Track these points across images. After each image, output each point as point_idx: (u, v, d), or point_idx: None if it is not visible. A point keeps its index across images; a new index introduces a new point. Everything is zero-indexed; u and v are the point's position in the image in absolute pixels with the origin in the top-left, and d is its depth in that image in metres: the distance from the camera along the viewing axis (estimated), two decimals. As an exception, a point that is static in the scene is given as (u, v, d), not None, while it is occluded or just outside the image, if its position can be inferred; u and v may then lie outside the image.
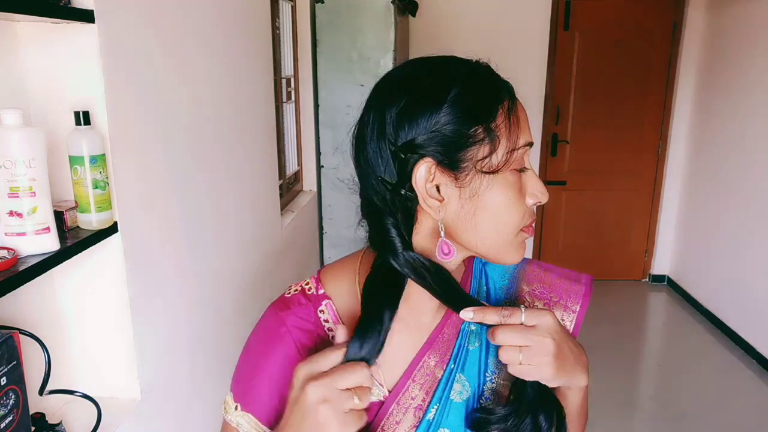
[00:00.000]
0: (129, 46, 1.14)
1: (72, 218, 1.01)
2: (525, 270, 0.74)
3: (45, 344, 0.93)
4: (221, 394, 1.88)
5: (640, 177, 4.17)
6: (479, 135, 0.58)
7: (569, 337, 0.63)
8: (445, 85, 0.58)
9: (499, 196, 0.59)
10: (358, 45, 3.06)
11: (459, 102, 0.57)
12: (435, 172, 0.59)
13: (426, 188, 0.59)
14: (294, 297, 0.69)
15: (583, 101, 4.02)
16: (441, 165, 0.58)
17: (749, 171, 3.29)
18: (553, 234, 4.28)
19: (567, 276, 0.75)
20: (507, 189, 0.59)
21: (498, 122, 0.58)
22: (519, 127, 0.59)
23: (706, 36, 3.80)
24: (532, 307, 0.64)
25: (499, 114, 0.58)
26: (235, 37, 1.83)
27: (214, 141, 1.66)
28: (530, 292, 0.72)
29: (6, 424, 0.81)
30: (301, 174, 3.26)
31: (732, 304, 3.46)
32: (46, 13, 0.89)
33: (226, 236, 1.78)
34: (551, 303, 0.72)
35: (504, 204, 0.59)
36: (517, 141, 0.59)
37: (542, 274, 0.74)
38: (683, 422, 2.68)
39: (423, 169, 0.58)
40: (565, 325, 0.72)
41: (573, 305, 0.72)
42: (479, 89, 0.59)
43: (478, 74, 0.60)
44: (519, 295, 0.72)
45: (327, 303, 0.68)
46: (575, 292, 0.73)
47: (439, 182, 0.59)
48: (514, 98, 0.60)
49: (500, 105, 0.59)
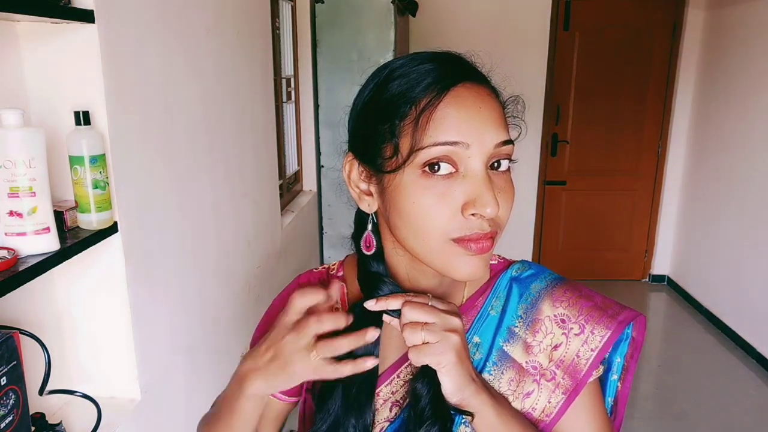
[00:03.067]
0: (129, 46, 1.14)
1: (72, 218, 1.01)
2: (555, 289, 0.67)
3: (45, 344, 0.93)
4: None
5: (640, 177, 4.17)
6: (385, 133, 0.57)
7: (469, 356, 0.59)
8: (370, 81, 0.60)
9: (407, 198, 0.55)
10: (358, 45, 3.06)
11: (373, 99, 0.58)
12: (355, 167, 0.61)
13: (351, 181, 0.62)
14: (318, 272, 0.76)
15: (583, 101, 4.02)
16: (359, 159, 0.61)
17: (749, 171, 3.29)
18: (553, 234, 4.28)
19: (604, 306, 0.67)
20: (418, 191, 0.55)
21: (407, 121, 0.55)
22: (431, 125, 0.54)
23: (706, 36, 3.80)
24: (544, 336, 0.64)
25: (410, 113, 0.55)
26: (235, 36, 1.83)
27: (214, 141, 1.66)
28: (552, 316, 0.65)
29: (6, 424, 0.81)
30: (301, 174, 3.26)
31: (732, 304, 3.46)
32: (46, 13, 0.89)
33: (226, 236, 1.78)
34: (569, 335, 0.65)
35: (413, 207, 0.55)
36: (422, 140, 0.54)
37: (574, 298, 0.66)
38: (683, 422, 2.68)
39: (346, 162, 0.62)
40: (580, 360, 0.64)
41: (593, 341, 0.65)
42: (395, 86, 0.57)
43: (406, 69, 0.57)
44: (536, 317, 0.66)
45: (341, 285, 0.68)
46: (603, 325, 0.65)
47: (363, 177, 0.61)
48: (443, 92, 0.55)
49: (413, 104, 0.55)
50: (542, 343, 0.65)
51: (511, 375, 0.65)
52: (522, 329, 0.66)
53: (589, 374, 0.64)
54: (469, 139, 0.54)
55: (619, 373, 0.69)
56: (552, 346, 0.65)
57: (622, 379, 0.69)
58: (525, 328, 0.66)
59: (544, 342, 0.65)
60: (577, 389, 0.64)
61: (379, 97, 0.58)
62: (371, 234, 0.63)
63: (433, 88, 0.55)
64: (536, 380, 0.65)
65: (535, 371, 0.65)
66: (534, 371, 0.65)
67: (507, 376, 0.65)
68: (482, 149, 0.55)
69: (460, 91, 0.55)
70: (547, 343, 0.65)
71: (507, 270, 0.69)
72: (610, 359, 0.68)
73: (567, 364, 0.64)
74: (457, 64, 0.59)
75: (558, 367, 0.64)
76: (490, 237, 0.56)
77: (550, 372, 0.65)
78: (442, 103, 0.54)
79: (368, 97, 0.59)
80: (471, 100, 0.55)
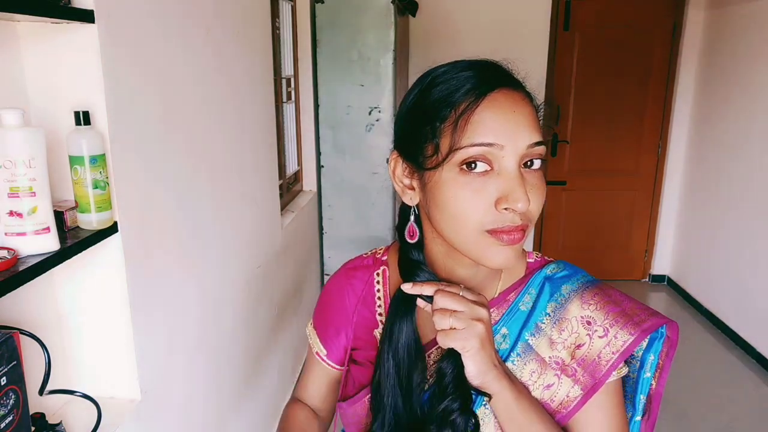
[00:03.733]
0: (129, 46, 1.14)
1: (72, 218, 1.01)
2: (586, 292, 0.71)
3: (45, 344, 0.93)
4: (221, 394, 1.89)
5: (640, 177, 4.17)
6: (427, 134, 0.62)
7: (493, 344, 0.65)
8: (415, 87, 0.66)
9: (446, 193, 0.61)
10: (358, 45, 3.06)
11: (417, 103, 0.64)
12: (400, 163, 0.68)
13: (396, 176, 0.68)
14: (368, 257, 0.83)
15: (583, 101, 4.02)
16: (403, 157, 0.67)
17: (749, 171, 3.29)
18: (553, 234, 4.28)
19: (631, 312, 0.69)
20: (455, 187, 0.60)
21: (447, 123, 0.60)
22: (469, 128, 0.59)
23: (706, 36, 3.80)
24: (569, 334, 0.69)
25: (450, 116, 0.60)
26: (235, 36, 1.83)
27: (214, 141, 1.66)
28: (579, 317, 0.69)
29: (6, 424, 0.81)
30: (301, 174, 3.26)
31: (732, 304, 3.46)
32: (46, 13, 0.89)
33: (226, 236, 1.78)
34: (593, 336, 0.68)
35: (451, 201, 0.61)
36: (460, 141, 0.59)
37: (603, 302, 0.70)
38: (683, 422, 2.68)
39: (392, 159, 0.68)
40: (601, 361, 0.67)
41: (614, 344, 0.67)
42: (437, 92, 0.62)
43: (447, 76, 0.63)
44: (563, 317, 0.70)
45: (384, 269, 0.80)
46: (627, 331, 0.68)
47: (407, 173, 0.67)
48: (480, 97, 0.60)
49: (453, 108, 0.60)
50: (566, 341, 0.69)
51: (534, 367, 0.69)
52: (548, 326, 0.70)
53: (608, 375, 0.67)
54: (503, 140, 0.59)
55: (653, 371, 0.71)
56: (575, 344, 0.69)
57: (657, 377, 0.72)
58: (552, 325, 0.70)
59: (568, 340, 0.69)
60: (595, 387, 0.67)
61: (422, 101, 0.64)
62: (414, 224, 0.69)
63: (472, 94, 0.60)
64: (557, 374, 0.69)
65: (557, 366, 0.69)
66: (556, 366, 0.69)
67: (529, 367, 0.69)
68: (515, 150, 0.60)
69: (496, 96, 0.60)
70: (571, 342, 0.69)
71: (542, 269, 0.74)
72: (644, 357, 0.71)
73: (588, 363, 0.68)
74: (494, 71, 0.63)
75: (579, 365, 0.68)
76: (521, 229, 0.61)
77: (571, 368, 0.68)
78: (480, 108, 0.59)
79: (412, 102, 0.65)
80: (506, 105, 0.60)
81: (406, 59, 3.60)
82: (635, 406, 0.73)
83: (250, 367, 2.03)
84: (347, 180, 3.27)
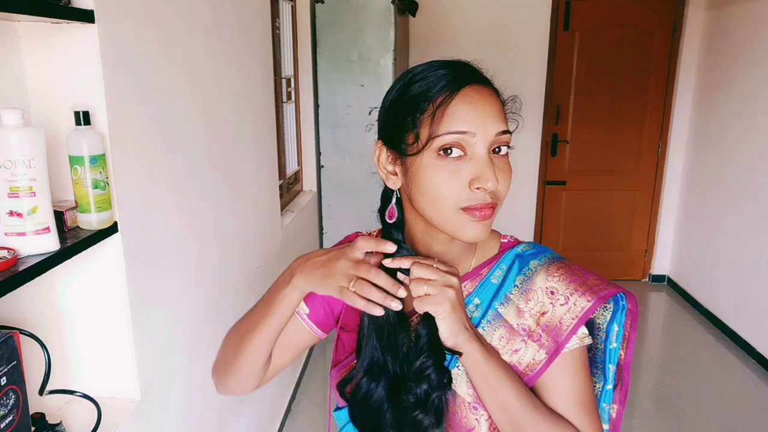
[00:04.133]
0: (129, 46, 1.14)
1: (72, 218, 1.01)
2: (551, 266, 0.79)
3: (45, 344, 0.93)
4: (221, 395, 1.88)
5: (640, 177, 4.17)
6: (408, 124, 0.70)
7: (464, 309, 0.72)
8: (396, 83, 0.74)
9: (426, 175, 0.69)
10: (358, 45, 3.06)
11: (399, 97, 0.73)
12: (384, 152, 0.75)
13: (380, 163, 0.76)
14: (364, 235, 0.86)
15: (583, 101, 4.02)
16: (387, 146, 0.75)
17: (749, 171, 3.29)
18: (553, 234, 4.28)
19: (591, 284, 0.78)
20: (433, 170, 0.69)
21: (426, 115, 0.69)
22: (445, 118, 0.67)
23: (706, 36, 3.80)
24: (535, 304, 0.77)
25: (428, 108, 0.69)
26: (235, 37, 1.83)
27: (214, 141, 1.66)
28: (544, 288, 0.77)
29: (6, 424, 0.81)
30: (301, 174, 3.26)
31: (732, 304, 3.47)
32: (46, 13, 0.89)
33: (226, 236, 1.78)
34: (555, 304, 0.77)
35: (430, 183, 0.69)
36: (437, 130, 0.68)
37: (566, 275, 0.78)
38: (683, 422, 2.68)
39: (376, 148, 0.76)
40: (562, 326, 0.75)
41: (574, 310, 0.76)
42: (416, 88, 0.71)
43: (425, 74, 0.71)
44: (530, 288, 0.78)
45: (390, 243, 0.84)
46: (585, 299, 0.76)
47: (390, 161, 0.75)
48: (455, 92, 0.68)
49: (431, 101, 0.69)
50: (532, 310, 0.77)
51: (502, 332, 0.78)
52: (516, 296, 0.78)
53: (568, 338, 0.75)
54: (475, 129, 0.67)
55: (619, 342, 0.80)
56: (540, 312, 0.77)
57: (624, 348, 0.81)
58: (519, 296, 0.78)
59: (534, 309, 0.77)
60: (557, 350, 0.75)
61: (403, 96, 0.72)
62: (394, 206, 0.77)
63: (447, 89, 0.68)
64: (524, 340, 0.77)
65: (524, 332, 0.77)
66: (523, 332, 0.77)
67: (498, 333, 0.78)
68: (485, 137, 0.68)
69: (468, 91, 0.69)
70: (536, 310, 0.77)
71: (514, 248, 0.83)
72: (608, 329, 0.80)
73: (551, 328, 0.76)
74: (465, 70, 0.72)
75: (543, 331, 0.76)
76: (491, 207, 0.70)
77: (537, 334, 0.76)
78: (454, 101, 0.68)
79: (395, 97, 0.73)
80: (477, 98, 0.69)
81: (406, 59, 3.60)
82: (606, 375, 0.82)
83: (250, 367, 2.03)
84: (347, 180, 3.27)
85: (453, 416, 0.78)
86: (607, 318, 0.80)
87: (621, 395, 0.82)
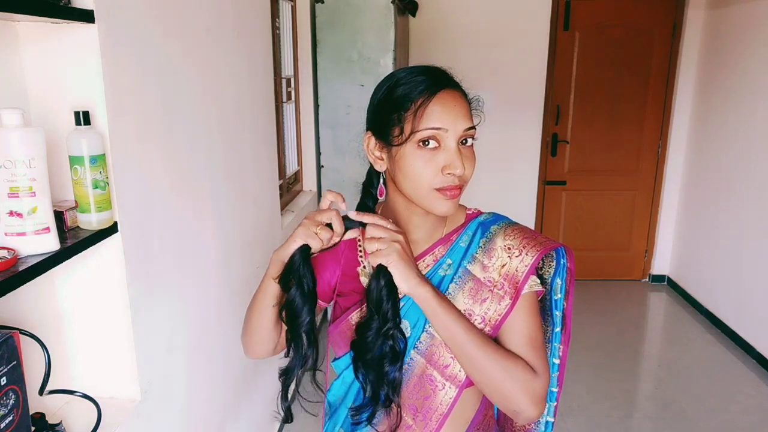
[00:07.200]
0: (129, 46, 1.14)
1: (72, 218, 1.01)
2: (507, 228, 0.96)
3: (45, 344, 0.93)
4: (221, 394, 1.88)
5: (640, 177, 4.17)
6: (394, 120, 0.86)
7: (413, 260, 0.86)
8: (383, 84, 0.90)
9: (408, 162, 0.85)
10: (358, 45, 3.06)
11: (385, 97, 0.88)
12: (372, 140, 0.91)
13: (369, 149, 0.92)
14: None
15: (583, 101, 4.02)
16: (376, 136, 0.90)
17: (749, 171, 3.29)
18: (553, 234, 4.28)
19: (539, 240, 0.94)
20: (414, 158, 0.84)
21: (408, 113, 0.84)
22: (424, 117, 0.83)
23: (706, 36, 3.80)
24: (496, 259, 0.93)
25: (410, 107, 0.84)
26: (235, 36, 1.83)
27: (214, 141, 1.66)
28: (503, 246, 0.94)
29: (6, 424, 0.81)
30: (301, 174, 3.26)
31: (732, 304, 3.47)
32: (46, 13, 0.89)
33: (226, 236, 1.78)
34: (512, 257, 0.93)
35: (411, 167, 0.85)
36: (418, 126, 0.83)
37: (520, 235, 0.95)
38: (683, 422, 2.68)
39: (366, 137, 0.92)
40: (518, 273, 0.91)
41: (525, 259, 0.92)
42: (400, 90, 0.86)
43: (407, 79, 0.86)
44: (491, 247, 0.94)
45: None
46: (534, 250, 0.92)
47: (378, 148, 0.90)
48: (432, 95, 0.84)
49: (412, 102, 0.84)
50: (495, 264, 0.93)
51: (471, 285, 0.93)
52: (481, 254, 0.94)
53: (524, 282, 0.91)
54: (447, 125, 0.84)
55: (563, 293, 0.97)
56: (501, 265, 0.93)
57: (566, 300, 0.98)
58: (483, 254, 0.94)
59: (496, 263, 0.93)
60: (517, 294, 0.91)
61: (389, 97, 0.87)
62: (383, 185, 0.95)
63: (425, 92, 0.85)
64: (490, 290, 0.92)
65: (490, 284, 0.93)
66: (489, 284, 0.93)
67: (468, 285, 0.93)
68: (455, 132, 0.84)
69: (442, 94, 0.85)
70: (498, 264, 0.93)
71: (478, 217, 0.99)
72: (553, 282, 0.97)
73: (510, 276, 0.92)
74: (441, 76, 0.88)
75: (504, 279, 0.92)
76: (459, 188, 0.86)
77: (500, 284, 0.92)
78: (431, 103, 0.84)
79: (382, 97, 0.89)
80: (449, 100, 0.85)
81: (406, 59, 3.60)
82: (554, 320, 0.99)
83: (250, 366, 2.03)
84: (347, 180, 3.27)
85: (432, 354, 0.93)
86: (551, 273, 0.97)
87: (565, 337, 1.00)
